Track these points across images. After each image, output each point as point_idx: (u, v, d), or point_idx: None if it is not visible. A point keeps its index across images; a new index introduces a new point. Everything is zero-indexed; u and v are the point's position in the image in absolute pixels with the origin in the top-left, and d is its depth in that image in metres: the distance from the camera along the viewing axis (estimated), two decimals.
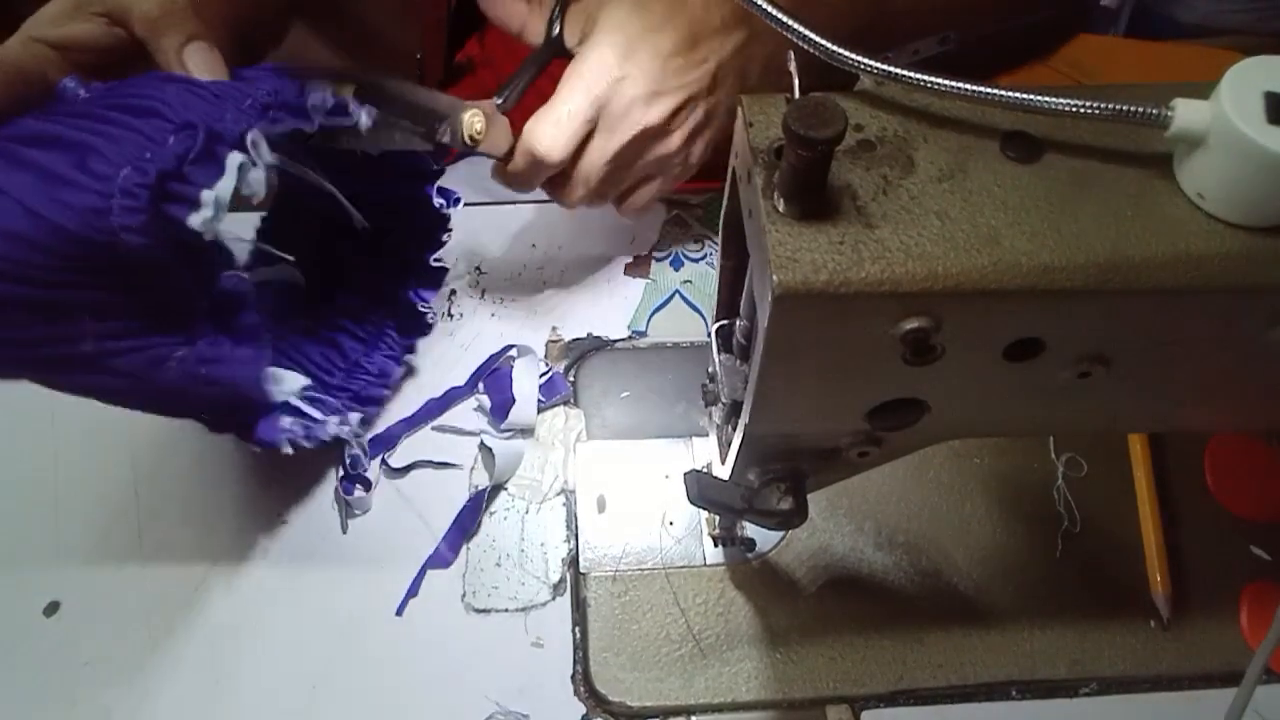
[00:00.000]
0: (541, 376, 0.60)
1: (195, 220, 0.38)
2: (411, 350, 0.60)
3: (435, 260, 0.57)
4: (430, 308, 0.58)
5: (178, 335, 0.42)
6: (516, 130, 0.54)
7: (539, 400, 0.59)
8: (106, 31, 0.44)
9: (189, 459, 0.56)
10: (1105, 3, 0.84)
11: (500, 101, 0.54)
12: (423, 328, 0.59)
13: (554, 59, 0.57)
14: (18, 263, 0.36)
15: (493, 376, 0.60)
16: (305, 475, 0.56)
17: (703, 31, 0.54)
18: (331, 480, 0.56)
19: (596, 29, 0.53)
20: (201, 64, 0.43)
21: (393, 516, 0.55)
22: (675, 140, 0.56)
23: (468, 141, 0.51)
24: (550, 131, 0.52)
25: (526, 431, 0.58)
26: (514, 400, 0.58)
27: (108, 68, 0.44)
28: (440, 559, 0.54)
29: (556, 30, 0.56)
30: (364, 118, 0.45)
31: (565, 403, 0.59)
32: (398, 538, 0.54)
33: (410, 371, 0.60)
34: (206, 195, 0.38)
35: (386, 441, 0.57)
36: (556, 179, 0.56)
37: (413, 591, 0.53)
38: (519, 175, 0.55)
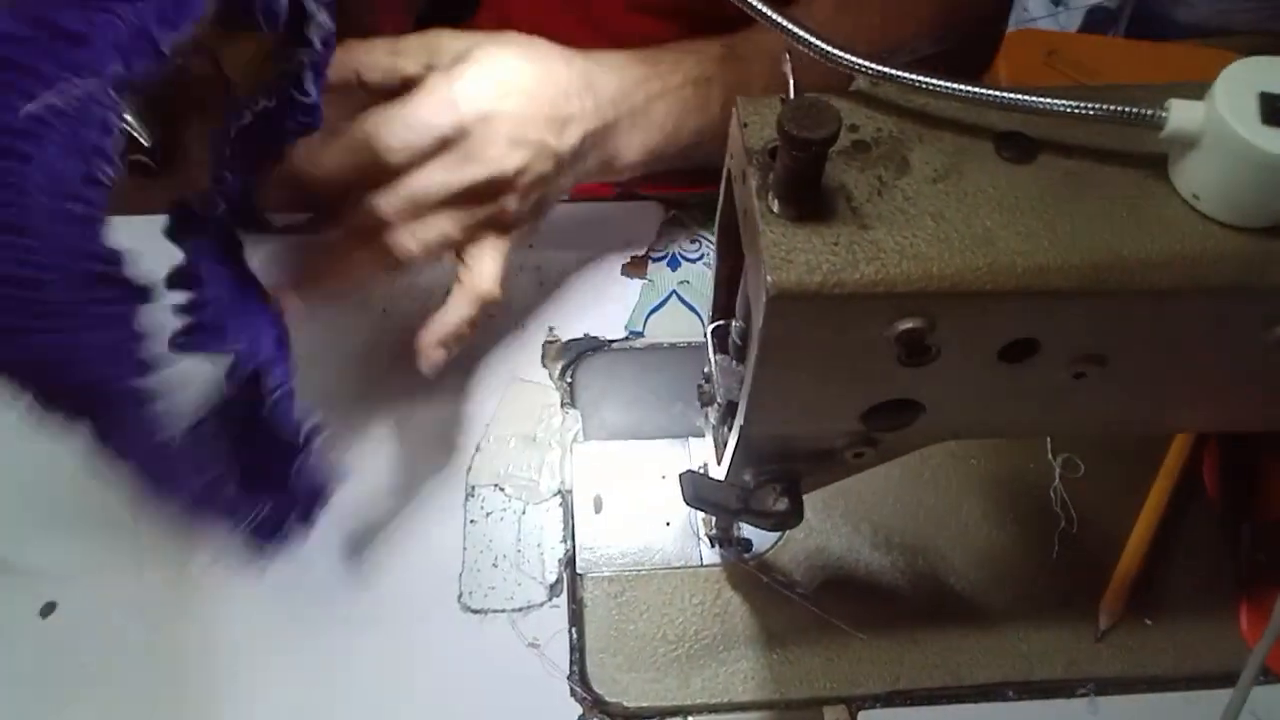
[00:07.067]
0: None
1: None
2: None
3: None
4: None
5: None
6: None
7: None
8: None
9: None
10: (1106, 3, 0.84)
11: None
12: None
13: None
14: None
15: None
16: None
17: (572, 104, 0.51)
18: None
19: (470, 61, 0.49)
20: None
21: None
22: (513, 201, 0.51)
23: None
24: (400, 133, 0.46)
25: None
26: None
27: None
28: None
29: None
30: None
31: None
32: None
33: None
34: None
35: None
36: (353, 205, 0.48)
37: None
38: (330, 165, 0.46)
